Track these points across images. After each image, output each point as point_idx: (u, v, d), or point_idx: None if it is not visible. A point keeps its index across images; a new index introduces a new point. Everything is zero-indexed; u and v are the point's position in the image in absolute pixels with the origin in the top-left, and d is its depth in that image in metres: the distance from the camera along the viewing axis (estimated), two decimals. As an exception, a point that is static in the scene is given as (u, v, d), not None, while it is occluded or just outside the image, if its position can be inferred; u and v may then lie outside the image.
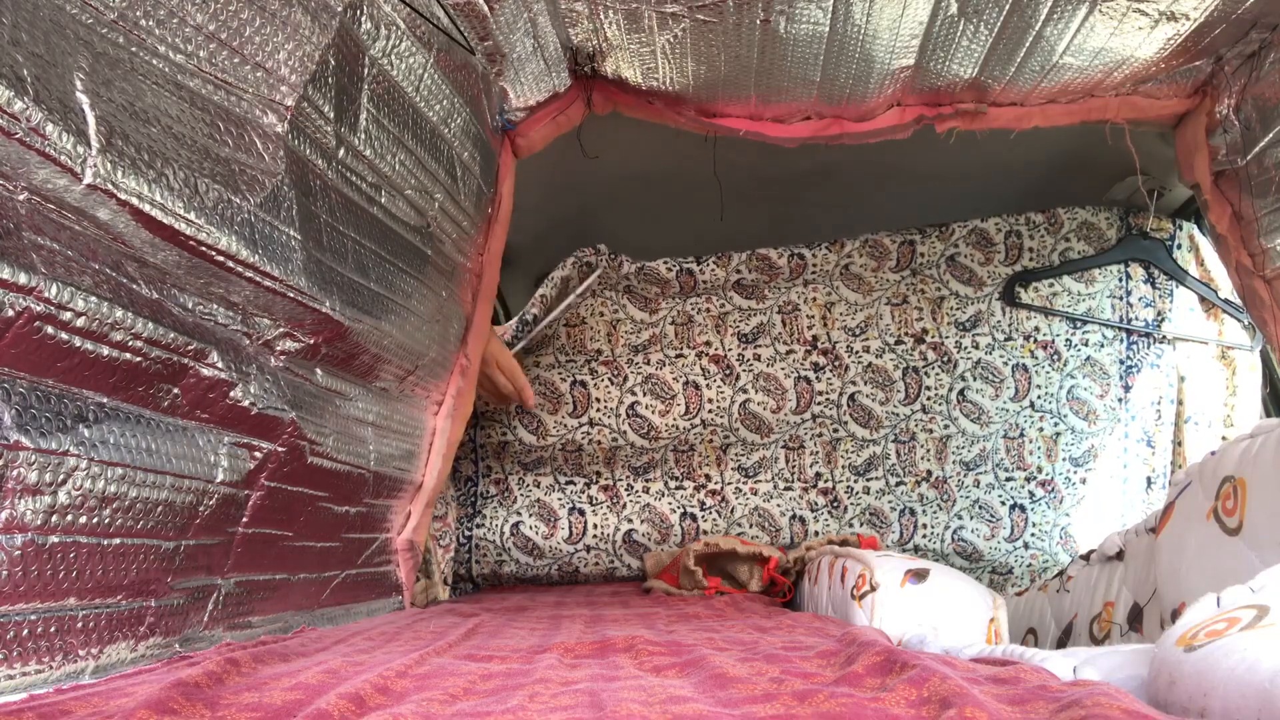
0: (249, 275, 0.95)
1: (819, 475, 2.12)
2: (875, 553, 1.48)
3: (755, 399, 2.09)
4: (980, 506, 2.10)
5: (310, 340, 1.10)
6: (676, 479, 2.14)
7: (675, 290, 2.10)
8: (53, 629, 0.76)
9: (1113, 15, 1.39)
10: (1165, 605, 1.17)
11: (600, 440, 2.08)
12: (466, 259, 1.58)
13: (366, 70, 1.16)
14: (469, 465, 2.14)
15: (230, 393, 0.95)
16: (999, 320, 2.09)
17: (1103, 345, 2.08)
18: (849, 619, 1.35)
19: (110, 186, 0.76)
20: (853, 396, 2.10)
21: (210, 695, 0.67)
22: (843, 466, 2.12)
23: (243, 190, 0.94)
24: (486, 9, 1.37)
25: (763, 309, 2.12)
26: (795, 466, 2.13)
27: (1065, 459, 2.09)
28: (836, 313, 2.12)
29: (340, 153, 1.12)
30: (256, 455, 1.03)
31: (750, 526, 2.11)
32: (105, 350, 0.79)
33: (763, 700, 0.66)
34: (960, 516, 2.09)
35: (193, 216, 0.86)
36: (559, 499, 2.11)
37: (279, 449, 1.06)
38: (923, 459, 2.10)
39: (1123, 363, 2.09)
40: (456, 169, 1.44)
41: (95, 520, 0.79)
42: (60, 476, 0.75)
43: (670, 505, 2.12)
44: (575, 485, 2.13)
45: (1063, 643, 1.49)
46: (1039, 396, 2.08)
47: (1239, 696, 0.53)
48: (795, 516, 2.11)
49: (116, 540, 0.82)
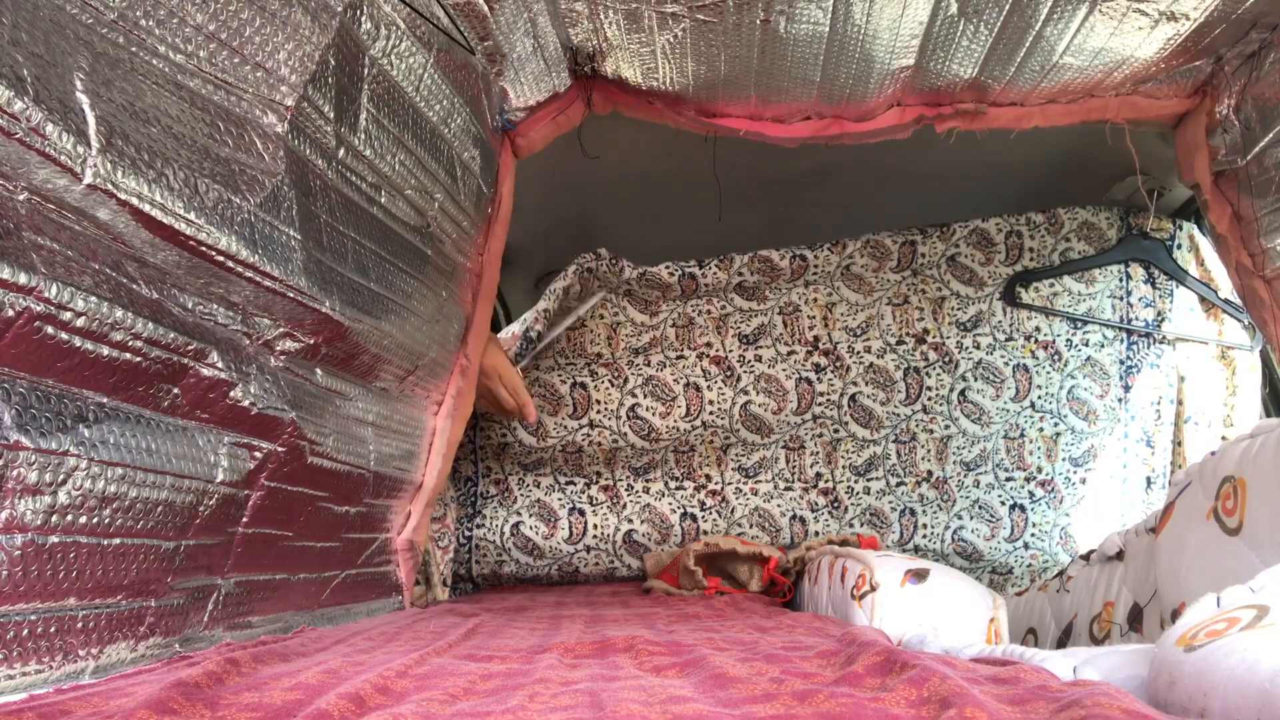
0: (249, 275, 0.95)
1: (819, 475, 2.12)
2: (875, 553, 1.48)
3: (756, 400, 2.08)
4: (980, 506, 2.09)
5: (310, 340, 1.10)
6: (677, 479, 2.14)
7: (677, 294, 2.09)
8: (53, 629, 0.76)
9: (1113, 15, 1.39)
10: (1165, 605, 1.17)
11: (600, 442, 2.08)
12: (466, 259, 1.58)
13: (366, 70, 1.16)
14: (469, 466, 2.13)
15: (230, 393, 0.95)
16: (1000, 320, 2.09)
17: (1103, 345, 2.08)
18: (849, 619, 1.35)
19: (110, 186, 0.76)
20: (854, 397, 2.10)
21: (210, 695, 0.67)
22: (843, 467, 2.12)
23: (243, 190, 0.94)
24: (486, 9, 1.37)
25: (764, 310, 2.12)
26: (796, 467, 2.13)
27: (1065, 459, 2.09)
28: (838, 313, 2.11)
29: (340, 153, 1.12)
30: (256, 455, 1.03)
31: (750, 527, 2.11)
32: (105, 350, 0.79)
33: (763, 700, 0.66)
34: (960, 516, 2.09)
35: (193, 216, 0.86)
36: (559, 499, 2.11)
37: (279, 449, 1.06)
38: (923, 459, 2.10)
39: (1123, 363, 2.09)
40: (456, 169, 1.44)
41: (95, 520, 0.79)
42: (60, 476, 0.75)
43: (670, 505, 2.12)
44: (575, 485, 2.13)
45: (1063, 643, 1.49)
46: (1039, 397, 2.07)
47: (1239, 696, 0.53)
48: (795, 517, 2.11)
49: (116, 540, 0.82)
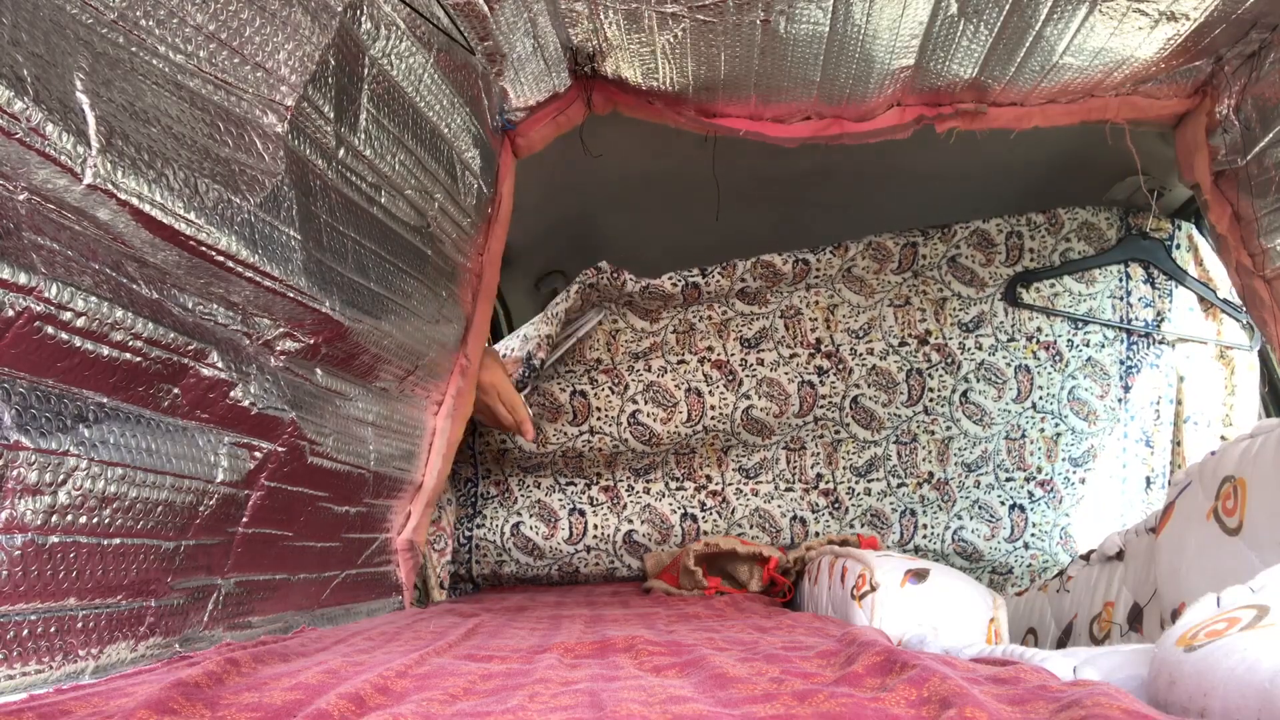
0: (249, 275, 0.95)
1: (820, 476, 2.11)
2: (875, 553, 1.48)
3: (759, 405, 2.07)
4: (980, 507, 2.09)
5: (310, 340, 1.10)
6: (677, 480, 2.14)
7: (679, 302, 2.08)
8: (53, 629, 0.76)
9: (1113, 15, 1.39)
10: (1165, 605, 1.17)
11: (601, 448, 2.07)
12: (466, 259, 1.58)
13: (366, 70, 1.16)
14: (468, 468, 2.13)
15: (230, 393, 0.95)
16: (1001, 321, 2.09)
17: (1104, 346, 2.08)
18: (849, 619, 1.35)
19: (110, 186, 0.76)
20: (855, 399, 2.09)
21: (210, 695, 0.67)
22: (844, 468, 2.11)
23: (243, 190, 0.94)
24: (486, 9, 1.37)
25: (765, 313, 2.11)
26: (796, 467, 2.13)
27: (1065, 459, 2.09)
28: (839, 315, 2.10)
29: (340, 153, 1.12)
30: (256, 455, 1.03)
31: (751, 527, 2.11)
32: (105, 350, 0.79)
33: (763, 700, 0.66)
34: (960, 517, 2.09)
35: (193, 216, 0.86)
36: (559, 499, 2.11)
37: (279, 449, 1.06)
38: (924, 460, 2.10)
39: (1123, 363, 2.09)
40: (456, 169, 1.44)
41: (95, 520, 0.79)
42: (60, 476, 0.75)
43: (671, 506, 2.12)
44: (575, 486, 2.12)
45: (1063, 643, 1.49)
46: (1040, 397, 2.07)
47: (1239, 696, 0.53)
48: (796, 517, 2.11)
49: (116, 540, 0.82)
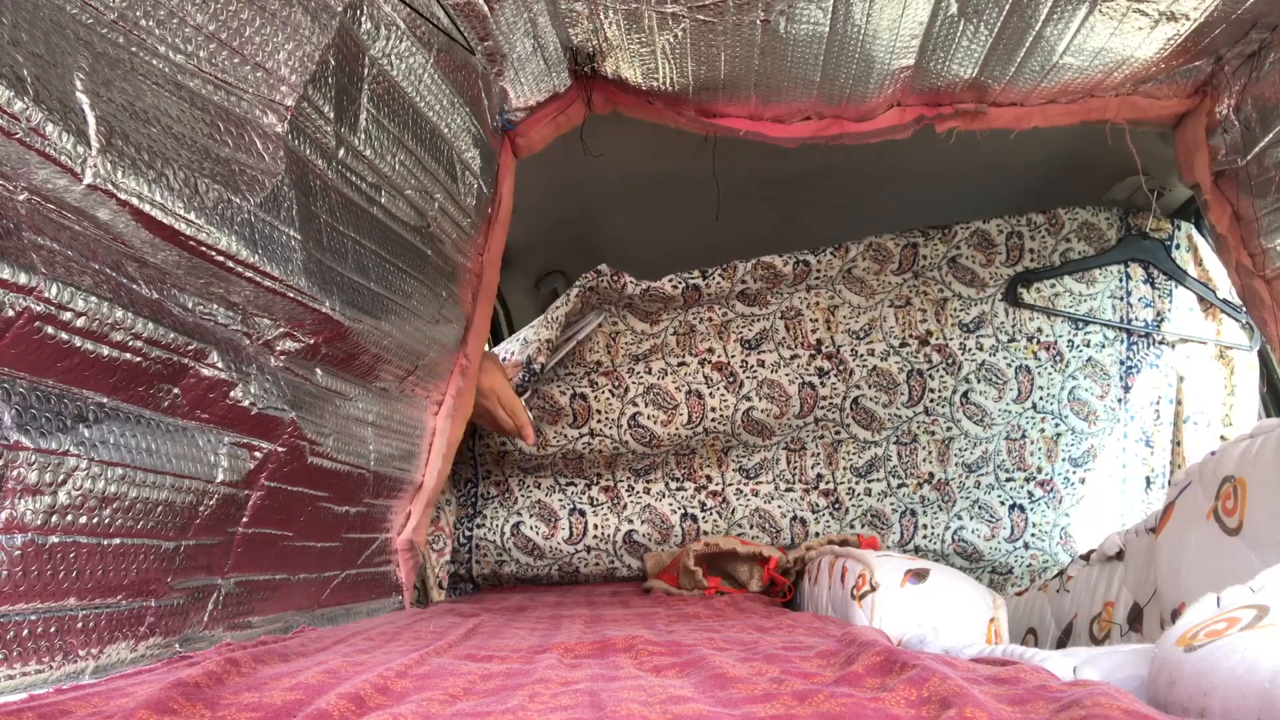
0: (249, 275, 0.95)
1: (820, 476, 2.11)
2: (875, 553, 1.48)
3: (759, 406, 2.07)
4: (980, 507, 2.09)
5: (310, 340, 1.10)
6: (677, 480, 2.13)
7: (679, 304, 2.08)
8: (53, 629, 0.76)
9: (1113, 15, 1.39)
10: (1165, 605, 1.17)
11: (601, 449, 2.07)
12: (466, 259, 1.58)
13: (366, 70, 1.16)
14: (468, 469, 2.13)
15: (230, 393, 0.95)
16: (1002, 321, 2.08)
17: (1104, 346, 2.08)
18: (849, 619, 1.35)
19: (110, 186, 0.76)
20: (856, 400, 2.09)
21: (210, 695, 0.67)
22: (844, 468, 2.11)
23: (243, 190, 0.94)
24: (486, 9, 1.37)
25: (765, 314, 2.10)
26: (796, 468, 2.12)
27: (1065, 459, 2.09)
28: (840, 316, 2.10)
29: (340, 153, 1.12)
30: (256, 455, 1.03)
31: (751, 527, 2.11)
32: (105, 350, 0.79)
33: (763, 700, 0.66)
34: (960, 517, 2.09)
35: (193, 216, 0.86)
36: (559, 500, 2.11)
37: (279, 449, 1.06)
38: (924, 461, 2.10)
39: (1123, 363, 2.09)
40: (456, 169, 1.44)
41: (95, 520, 0.79)
42: (60, 476, 0.75)
43: (671, 506, 2.12)
44: (576, 486, 2.12)
45: (1063, 643, 1.49)
46: (1041, 398, 2.07)
47: (1239, 696, 0.53)
48: (796, 518, 2.10)
49: (116, 540, 0.82)
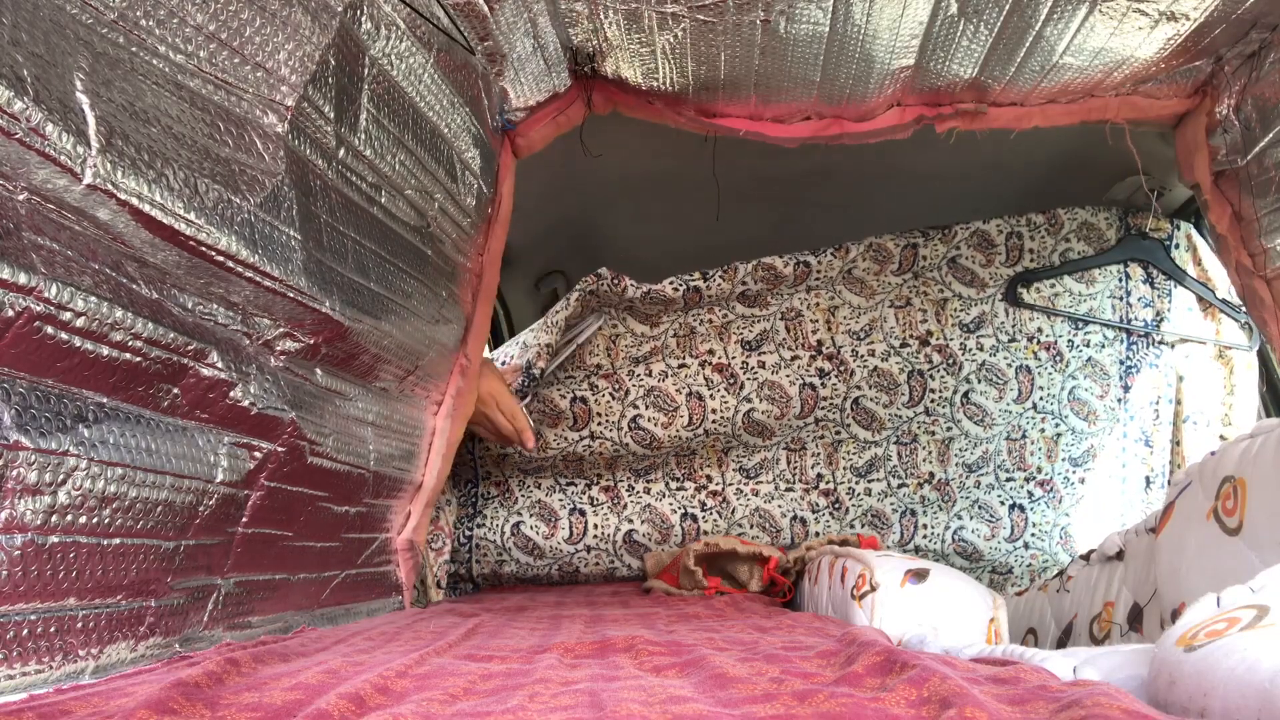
0: (249, 275, 0.95)
1: (820, 476, 2.11)
2: (875, 553, 1.48)
3: (760, 407, 2.06)
4: (980, 506, 2.09)
5: (310, 340, 1.10)
6: (677, 480, 2.13)
7: (680, 306, 2.08)
8: (53, 629, 0.76)
9: (1113, 15, 1.39)
10: (1165, 605, 1.17)
11: (602, 452, 2.07)
12: (466, 259, 1.58)
13: (366, 70, 1.16)
14: (468, 471, 2.13)
15: (230, 393, 0.95)
16: (1002, 322, 2.08)
17: (1104, 346, 2.08)
18: (849, 619, 1.35)
19: (110, 187, 0.76)
20: (857, 400, 2.09)
21: (210, 695, 0.67)
22: (844, 468, 2.11)
23: (243, 190, 0.94)
24: (486, 9, 1.37)
25: (766, 315, 2.10)
26: (797, 468, 2.12)
27: (1064, 459, 2.09)
28: (840, 316, 2.09)
29: (340, 153, 1.12)
30: (256, 455, 1.03)
31: (751, 527, 2.11)
32: (105, 350, 0.79)
33: (763, 700, 0.66)
34: (960, 517, 2.09)
35: (193, 216, 0.86)
36: (560, 499, 2.11)
37: (279, 449, 1.06)
38: (924, 461, 2.10)
39: (1122, 363, 2.08)
40: (456, 169, 1.44)
41: (95, 520, 0.79)
42: (60, 476, 0.75)
43: (671, 506, 2.12)
44: (576, 486, 2.12)
45: (1063, 643, 1.49)
46: (1041, 398, 2.07)
47: (1239, 696, 0.53)
48: (796, 518, 2.10)
49: (116, 540, 0.82)
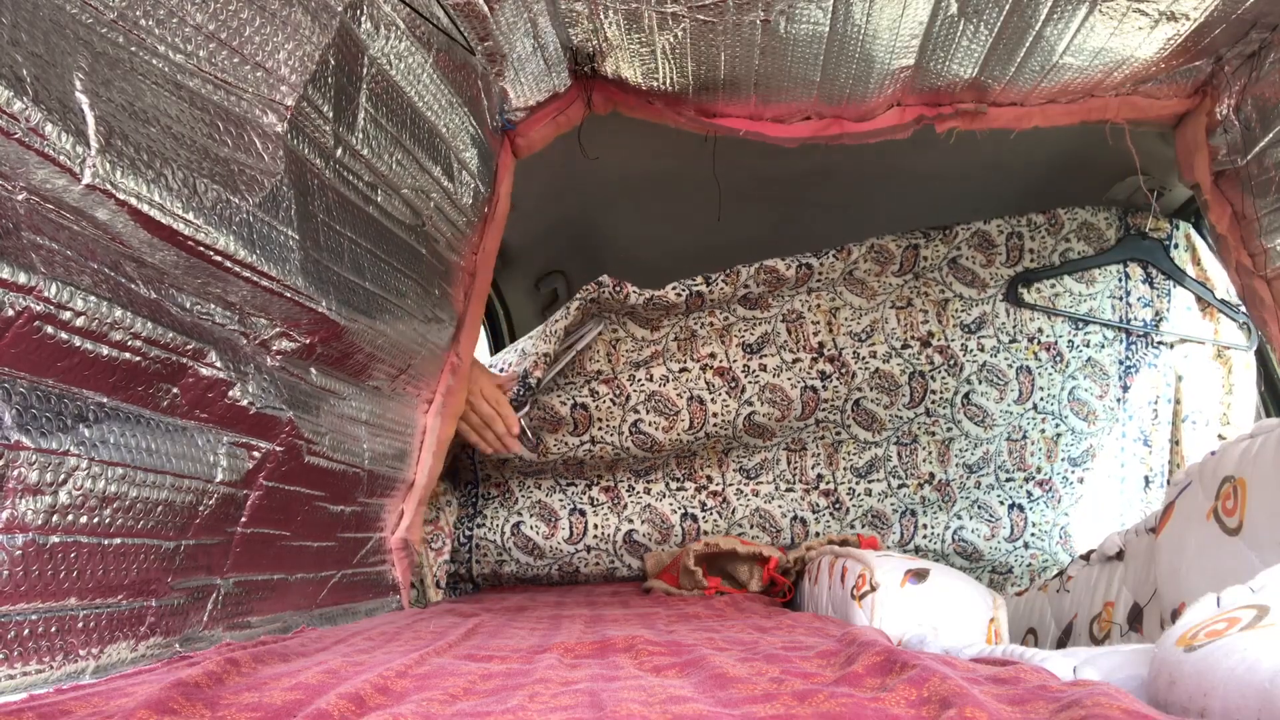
0: (246, 275, 0.95)
1: (820, 477, 2.11)
2: (875, 553, 1.48)
3: (761, 410, 2.06)
4: (980, 506, 2.09)
5: (306, 340, 1.10)
6: (678, 480, 2.13)
7: (681, 310, 2.07)
8: (53, 629, 0.76)
9: (1113, 15, 1.39)
10: (1165, 605, 1.17)
11: (603, 455, 2.06)
12: (460, 258, 1.58)
13: (366, 70, 1.16)
14: (469, 472, 2.12)
15: (229, 392, 0.95)
16: (1003, 322, 2.08)
17: (1104, 346, 2.07)
18: (849, 619, 1.35)
19: (109, 186, 0.76)
20: (858, 402, 2.09)
21: (210, 695, 0.67)
22: (844, 468, 2.11)
23: (241, 190, 0.94)
24: (486, 9, 1.37)
25: (767, 318, 2.09)
26: (797, 468, 2.12)
27: (1064, 459, 2.09)
28: (841, 318, 2.08)
29: (338, 152, 1.12)
30: (255, 455, 1.03)
31: (751, 528, 2.11)
32: (105, 350, 0.78)
33: (763, 700, 0.66)
34: (960, 516, 2.09)
35: (191, 216, 0.86)
36: (560, 500, 2.11)
37: (277, 448, 1.06)
38: (924, 461, 2.09)
39: (1122, 363, 2.08)
40: (453, 168, 1.44)
41: (96, 520, 0.79)
42: (60, 476, 0.75)
43: (671, 506, 2.11)
44: (576, 486, 2.12)
45: (1063, 643, 1.49)
46: (1041, 398, 2.07)
47: (1239, 696, 0.53)
48: (796, 518, 2.10)
49: (117, 540, 0.82)
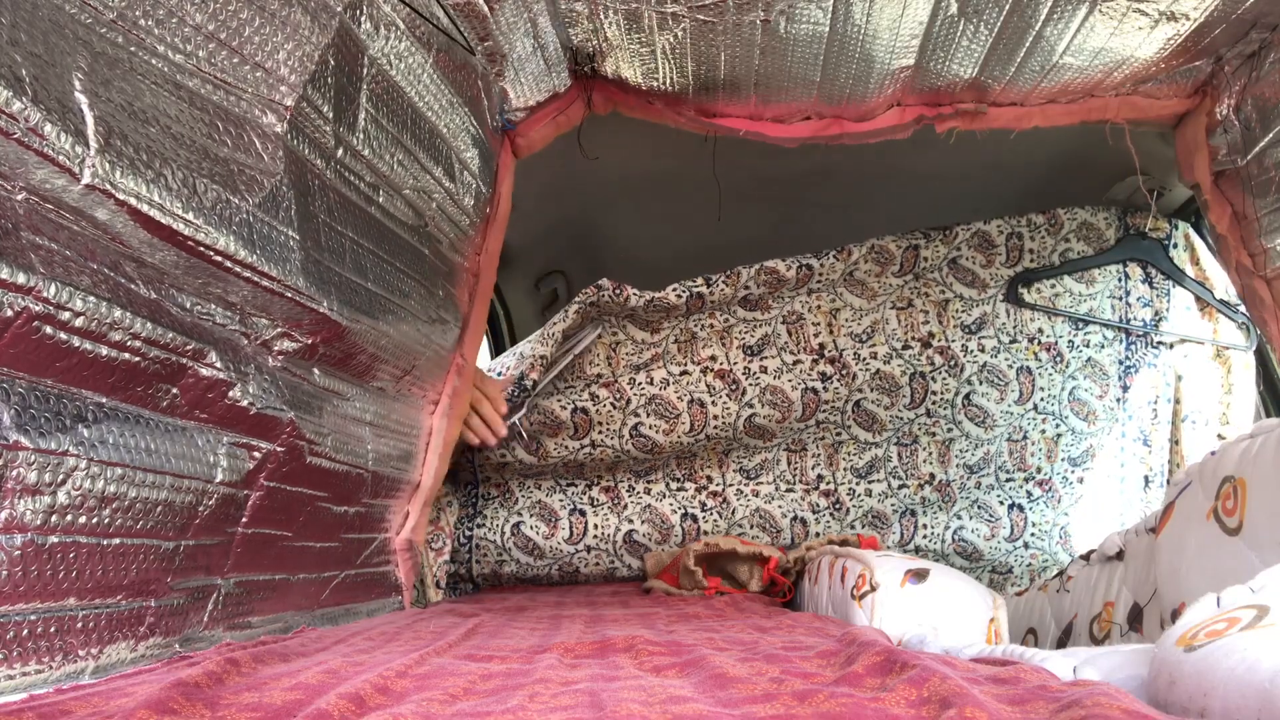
0: (247, 275, 0.95)
1: (820, 477, 2.11)
2: (875, 553, 1.48)
3: (761, 412, 2.05)
4: (979, 506, 2.09)
5: (308, 340, 1.10)
6: (678, 480, 2.13)
7: (682, 312, 2.07)
8: (53, 629, 0.76)
9: (1113, 15, 1.39)
10: (1165, 605, 1.17)
11: (603, 458, 2.06)
12: (464, 259, 1.58)
13: (366, 70, 1.16)
14: (468, 473, 2.12)
15: (229, 393, 0.95)
16: (1004, 323, 2.07)
17: (1103, 346, 2.07)
18: (849, 619, 1.35)
19: (108, 186, 0.76)
20: (858, 403, 2.08)
21: (210, 695, 0.67)
22: (844, 469, 2.10)
23: (241, 190, 0.94)
24: (486, 9, 1.37)
25: (767, 320, 2.08)
26: (797, 469, 2.12)
27: (1064, 459, 2.09)
28: (842, 319, 2.08)
29: (339, 152, 1.12)
30: (256, 455, 1.03)
31: (751, 528, 2.11)
32: (104, 350, 0.78)
33: (763, 700, 0.66)
34: (960, 516, 2.09)
35: (191, 216, 0.86)
36: (560, 500, 2.11)
37: (278, 449, 1.06)
38: (925, 462, 2.09)
39: (1121, 363, 2.08)
40: (455, 168, 1.44)
41: (95, 520, 0.79)
42: (60, 476, 0.75)
43: (671, 506, 2.11)
44: (576, 487, 2.12)
45: (1063, 643, 1.49)
46: (1042, 399, 2.07)
47: (1239, 696, 0.53)
48: (796, 518, 2.10)
49: (116, 540, 0.82)
